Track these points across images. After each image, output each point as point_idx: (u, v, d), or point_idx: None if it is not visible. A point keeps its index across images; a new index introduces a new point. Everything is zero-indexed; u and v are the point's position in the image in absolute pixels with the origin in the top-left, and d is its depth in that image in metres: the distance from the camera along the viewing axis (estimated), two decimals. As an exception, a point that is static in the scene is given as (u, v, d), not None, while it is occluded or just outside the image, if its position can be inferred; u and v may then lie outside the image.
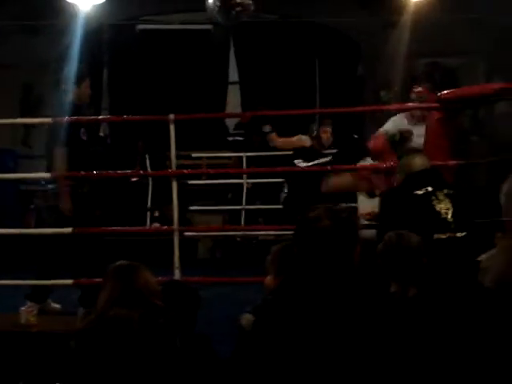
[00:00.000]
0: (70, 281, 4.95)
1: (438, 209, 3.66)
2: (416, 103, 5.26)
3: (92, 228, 5.04)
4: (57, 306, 5.27)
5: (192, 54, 10.99)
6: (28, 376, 4.10)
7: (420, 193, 3.71)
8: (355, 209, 5.41)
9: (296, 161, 6.29)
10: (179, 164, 5.76)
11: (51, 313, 5.13)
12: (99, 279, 2.99)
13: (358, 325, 2.08)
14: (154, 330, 2.55)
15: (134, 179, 9.33)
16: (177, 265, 4.90)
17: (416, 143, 5.11)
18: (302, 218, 2.23)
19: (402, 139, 5.21)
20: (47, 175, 5.27)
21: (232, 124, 11.19)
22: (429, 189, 3.72)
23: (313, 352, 2.05)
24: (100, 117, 8.54)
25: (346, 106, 8.83)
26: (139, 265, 2.81)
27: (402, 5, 8.86)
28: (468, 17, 8.61)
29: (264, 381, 2.09)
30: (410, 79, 5.77)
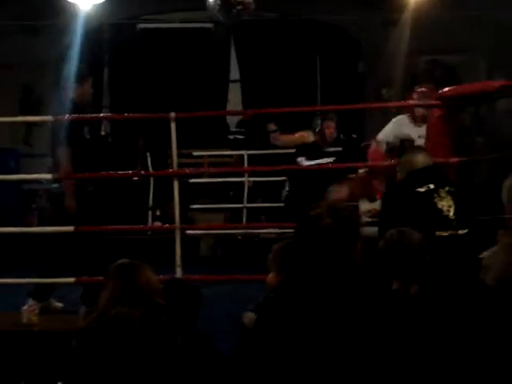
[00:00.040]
0: (72, 279, 4.95)
1: (440, 206, 3.66)
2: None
3: (94, 226, 5.04)
4: (59, 305, 5.28)
5: (193, 53, 10.96)
6: (30, 375, 4.11)
7: (422, 190, 3.70)
8: (356, 207, 5.40)
9: (299, 158, 6.24)
10: (180, 162, 5.76)
11: (53, 311, 5.14)
12: (101, 277, 3.00)
13: (360, 322, 2.08)
14: (156, 329, 2.56)
15: (136, 178, 9.32)
16: (178, 263, 4.91)
17: (419, 144, 5.09)
18: (304, 216, 2.22)
19: (403, 147, 5.17)
20: (50, 176, 5.28)
21: (233, 122, 11.18)
22: (431, 186, 3.71)
23: (315, 349, 2.05)
24: (101, 115, 8.53)
25: (347, 104, 8.86)
26: (141, 263, 2.81)
27: (403, 2, 8.87)
28: (468, 14, 8.58)
29: (267, 379, 2.10)
30: (411, 77, 5.76)
